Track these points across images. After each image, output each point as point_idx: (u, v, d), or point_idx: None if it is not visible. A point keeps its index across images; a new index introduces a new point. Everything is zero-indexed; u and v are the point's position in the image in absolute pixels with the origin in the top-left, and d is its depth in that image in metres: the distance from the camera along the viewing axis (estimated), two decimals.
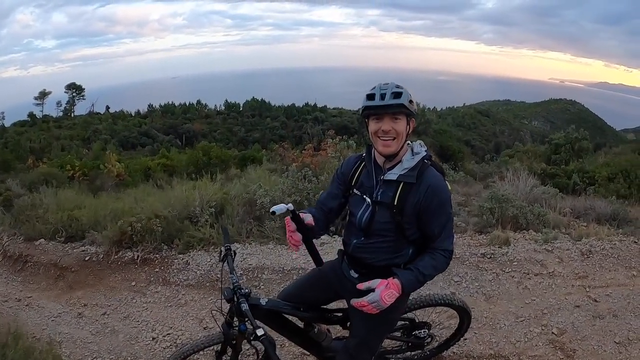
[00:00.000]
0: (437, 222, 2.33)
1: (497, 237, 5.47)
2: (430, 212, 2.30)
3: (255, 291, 4.69)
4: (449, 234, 2.38)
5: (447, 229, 2.36)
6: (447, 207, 2.35)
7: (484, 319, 4.14)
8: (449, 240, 2.38)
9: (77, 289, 5.08)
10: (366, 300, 2.22)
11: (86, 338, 4.21)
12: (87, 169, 16.82)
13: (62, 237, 6.06)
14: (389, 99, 2.23)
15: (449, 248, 2.38)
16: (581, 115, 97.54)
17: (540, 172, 13.03)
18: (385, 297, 2.21)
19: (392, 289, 2.23)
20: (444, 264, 2.37)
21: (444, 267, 2.39)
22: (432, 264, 2.33)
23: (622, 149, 26.52)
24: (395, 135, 2.27)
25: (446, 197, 2.34)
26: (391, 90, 2.24)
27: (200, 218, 5.78)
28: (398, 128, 2.27)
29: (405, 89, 2.28)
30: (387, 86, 2.27)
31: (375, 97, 2.26)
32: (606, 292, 4.53)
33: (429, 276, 2.33)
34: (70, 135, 58.68)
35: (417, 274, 2.29)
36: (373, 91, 2.28)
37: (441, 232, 2.34)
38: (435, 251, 2.35)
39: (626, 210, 7.25)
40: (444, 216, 2.34)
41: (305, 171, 6.29)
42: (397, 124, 2.27)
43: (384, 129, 2.27)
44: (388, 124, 2.26)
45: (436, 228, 2.33)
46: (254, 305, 2.40)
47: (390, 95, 2.23)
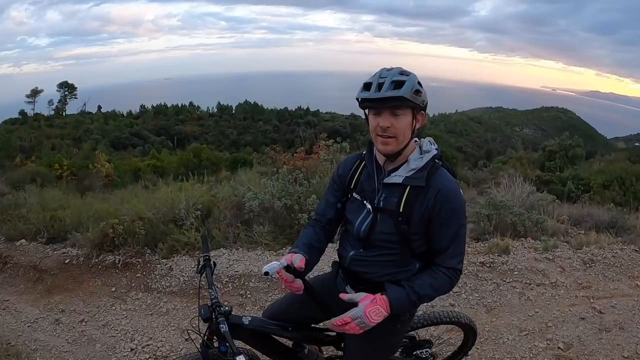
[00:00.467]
0: (446, 233, 1.97)
1: (496, 245, 5.32)
2: (440, 221, 1.95)
3: (242, 300, 4.49)
4: (458, 250, 2.01)
5: (457, 243, 2.00)
6: (459, 217, 1.99)
7: (485, 332, 3.94)
8: (457, 257, 2.01)
9: (56, 293, 4.84)
10: (349, 316, 1.89)
11: (62, 347, 3.97)
12: (75, 168, 16.69)
13: (44, 238, 5.83)
14: (386, 90, 1.87)
15: (457, 267, 2.01)
16: (572, 123, 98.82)
17: (535, 179, 12.95)
18: (370, 314, 1.88)
19: (379, 304, 1.90)
20: (447, 284, 2.01)
21: (446, 289, 2.04)
22: (431, 284, 1.98)
23: (616, 157, 26.64)
24: (395, 133, 1.92)
25: (460, 205, 1.99)
26: (391, 79, 1.88)
27: (185, 221, 5.54)
28: (399, 125, 1.91)
29: (411, 76, 1.91)
30: (389, 73, 1.91)
31: (372, 86, 1.90)
32: (611, 303, 4.39)
33: (425, 297, 1.99)
34: (61, 134, 58.68)
35: (409, 293, 1.95)
36: (371, 79, 1.93)
37: (449, 246, 1.98)
38: (438, 268, 2.00)
39: (625, 217, 7.16)
40: (455, 227, 1.97)
41: (296, 174, 6.07)
42: (399, 119, 1.91)
43: (381, 126, 1.92)
44: (387, 120, 1.91)
45: (444, 241, 1.98)
46: (236, 325, 2.09)
47: (388, 85, 1.87)
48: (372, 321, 1.88)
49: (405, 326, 2.30)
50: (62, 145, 48.09)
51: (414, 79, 1.90)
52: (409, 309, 2.05)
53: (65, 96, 73.78)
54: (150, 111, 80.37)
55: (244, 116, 79.66)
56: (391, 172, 2.01)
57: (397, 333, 2.23)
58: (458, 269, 2.01)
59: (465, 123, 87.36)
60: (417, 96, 1.90)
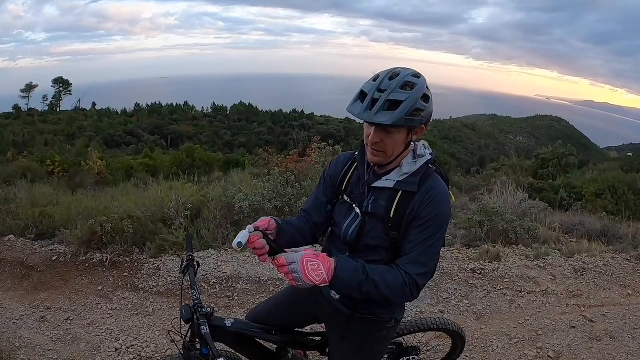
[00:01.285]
0: (417, 236, 1.79)
1: (487, 251, 5.31)
2: (417, 222, 1.79)
3: (229, 302, 4.43)
4: (423, 260, 1.79)
5: (425, 252, 1.79)
6: (438, 225, 1.80)
7: (475, 340, 3.89)
8: (420, 267, 1.79)
9: (42, 290, 4.76)
10: (284, 257, 1.69)
11: (46, 345, 3.89)
12: (67, 165, 16.58)
13: (32, 234, 5.76)
14: (376, 113, 1.68)
15: (415, 276, 1.77)
16: (566, 132, 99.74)
17: (528, 186, 12.96)
18: (307, 264, 1.66)
19: (321, 260, 1.68)
20: (398, 288, 1.76)
21: (396, 293, 1.77)
22: (383, 274, 1.75)
23: (608, 166, 26.78)
24: (384, 148, 1.78)
25: (443, 213, 1.81)
26: (388, 96, 1.67)
27: (174, 221, 5.49)
28: (390, 141, 1.76)
29: (415, 89, 1.70)
30: (390, 85, 1.69)
31: (365, 100, 1.71)
32: (602, 311, 4.40)
33: (373, 283, 1.72)
34: (54, 130, 58.37)
35: (359, 268, 1.73)
36: (367, 88, 1.73)
37: (415, 251, 1.79)
38: (397, 267, 1.79)
39: (616, 226, 7.17)
40: (429, 233, 1.78)
41: (288, 176, 6.02)
42: (390, 136, 1.75)
43: (371, 140, 1.77)
44: (377, 135, 1.75)
45: (412, 243, 1.80)
46: (218, 327, 2.02)
47: (382, 105, 1.67)
48: (306, 274, 1.65)
49: (392, 332, 2.19)
50: (55, 142, 47.74)
51: (416, 94, 1.70)
52: (351, 286, 1.74)
53: (60, 92, 73.50)
54: (144, 110, 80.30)
55: (238, 117, 79.73)
56: (383, 175, 1.90)
57: (383, 339, 2.15)
58: (416, 280, 1.78)
59: (460, 130, 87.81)
60: (414, 117, 1.71)
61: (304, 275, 1.65)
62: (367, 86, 1.74)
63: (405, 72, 1.73)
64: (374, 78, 1.75)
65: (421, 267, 1.78)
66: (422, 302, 4.33)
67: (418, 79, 1.73)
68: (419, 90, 1.71)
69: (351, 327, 2.02)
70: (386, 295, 1.75)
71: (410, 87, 1.70)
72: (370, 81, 1.75)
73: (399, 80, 1.70)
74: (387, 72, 1.75)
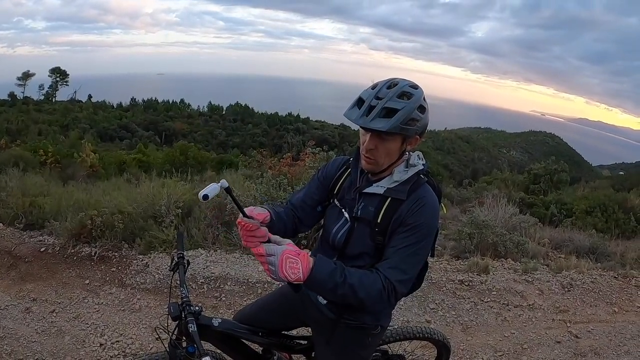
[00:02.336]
0: (399, 241, 1.77)
1: (476, 263, 5.33)
2: (402, 227, 1.78)
3: (216, 302, 4.42)
4: (403, 266, 1.76)
5: (406, 259, 1.77)
6: (424, 233, 1.78)
7: (460, 351, 3.90)
8: (400, 274, 1.75)
9: (29, 281, 4.72)
10: (264, 248, 1.63)
11: (30, 336, 3.85)
12: (60, 156, 16.44)
13: (22, 224, 5.73)
14: (372, 120, 1.69)
15: (394, 281, 1.73)
16: (559, 148, 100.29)
17: (519, 201, 13.02)
18: (285, 260, 1.61)
19: (300, 258, 1.63)
20: (376, 292, 1.71)
21: (373, 297, 1.72)
22: (361, 278, 1.70)
23: (600, 184, 26.95)
24: (377, 156, 1.79)
25: (429, 222, 1.79)
26: (385, 104, 1.68)
27: (165, 218, 5.47)
28: (383, 149, 1.78)
29: (412, 99, 1.71)
30: (388, 93, 1.70)
31: (363, 106, 1.72)
32: (587, 327, 4.42)
33: (349, 287, 1.67)
34: (49, 120, 58.16)
35: (336, 271, 1.68)
36: (365, 95, 1.74)
37: (395, 256, 1.76)
38: (377, 271, 1.75)
39: (605, 244, 7.22)
40: (412, 240, 1.76)
41: (281, 179, 6.02)
42: (385, 144, 1.77)
43: (366, 147, 1.79)
44: (372, 142, 1.76)
45: (393, 248, 1.78)
46: (205, 326, 2.02)
47: (378, 112, 1.68)
48: (282, 270, 1.61)
49: (377, 339, 2.18)
50: (49, 132, 47.46)
51: (413, 104, 1.71)
52: (326, 287, 1.69)
53: (56, 82, 73.17)
54: (140, 105, 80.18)
55: (234, 118, 79.78)
56: (374, 181, 1.91)
57: (368, 346, 2.14)
58: (395, 286, 1.74)
59: (454, 141, 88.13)
60: (409, 126, 1.71)
61: (280, 270, 1.61)
62: (365, 93, 1.75)
63: (404, 83, 1.75)
64: (373, 86, 1.76)
65: (401, 274, 1.75)
66: (409, 311, 4.34)
67: (415, 90, 1.74)
68: (416, 100, 1.72)
69: (336, 333, 2.03)
70: (362, 299, 1.71)
71: (408, 97, 1.71)
72: (368, 89, 1.76)
73: (397, 89, 1.72)
74: (385, 81, 1.77)
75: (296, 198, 2.13)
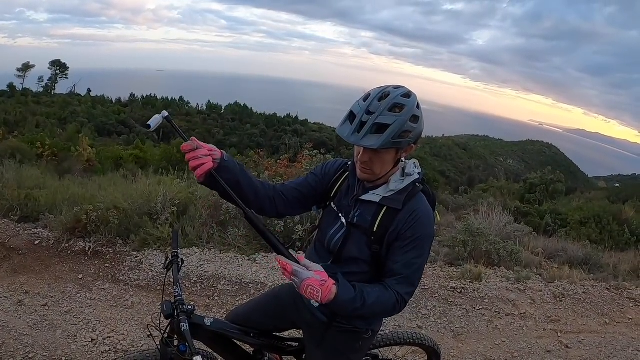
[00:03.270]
0: (403, 257, 1.80)
1: (469, 271, 5.34)
2: (402, 242, 1.81)
3: (209, 302, 4.42)
4: (411, 280, 1.83)
5: (413, 272, 1.83)
6: (423, 245, 1.83)
7: (451, 358, 3.91)
8: (409, 288, 1.83)
9: (22, 273, 4.70)
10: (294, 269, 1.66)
11: (22, 329, 3.84)
12: (57, 149, 16.45)
13: (16, 216, 5.73)
14: (363, 137, 1.69)
15: (405, 296, 1.82)
16: (556, 158, 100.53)
17: (514, 210, 13.03)
18: (308, 288, 1.65)
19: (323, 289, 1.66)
20: (390, 307, 1.80)
21: (388, 311, 1.83)
22: (379, 296, 1.77)
23: (595, 195, 27.01)
24: (372, 167, 1.80)
25: (427, 234, 1.83)
26: (375, 119, 1.67)
27: (160, 216, 5.46)
28: (378, 161, 1.78)
29: (404, 111, 1.69)
30: (379, 107, 1.69)
31: (354, 122, 1.71)
32: (578, 338, 4.43)
33: (367, 308, 1.74)
34: (47, 112, 58.03)
35: (357, 297, 1.73)
36: (357, 109, 1.73)
37: (403, 273, 1.81)
38: (387, 287, 1.81)
39: (599, 255, 7.23)
40: (415, 254, 1.81)
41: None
42: (378, 156, 1.77)
43: (360, 159, 1.80)
44: (366, 154, 1.77)
45: (398, 264, 1.81)
46: (197, 325, 2.03)
47: (369, 128, 1.67)
48: (303, 292, 1.66)
49: (368, 343, 2.19)
50: (47, 124, 47.34)
51: (404, 118, 1.69)
52: (347, 312, 1.77)
53: (56, 75, 73.18)
54: (139, 101, 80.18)
55: (232, 117, 79.84)
56: (370, 189, 1.90)
57: (359, 350, 2.15)
58: (404, 298, 1.82)
59: (451, 148, 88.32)
60: (402, 139, 1.71)
61: (301, 291, 1.67)
62: (356, 107, 1.74)
63: (395, 93, 1.72)
64: (364, 97, 1.75)
65: (409, 287, 1.83)
66: (400, 316, 4.33)
67: (408, 99, 1.72)
68: (408, 112, 1.70)
69: (328, 336, 2.03)
70: (378, 314, 1.84)
71: (400, 109, 1.69)
72: (360, 101, 1.75)
73: (388, 101, 1.69)
74: (377, 91, 1.74)
75: (290, 182, 2.12)
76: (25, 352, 3.56)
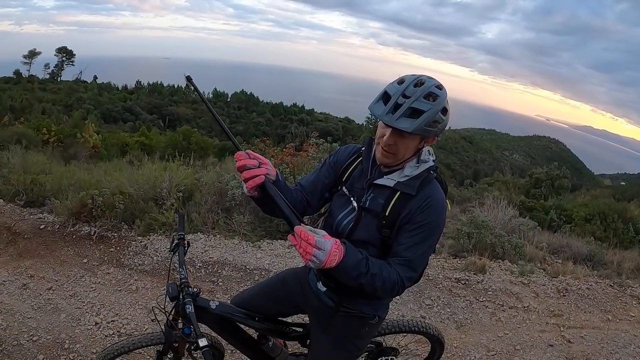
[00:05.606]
0: (409, 240, 1.80)
1: (473, 263, 5.33)
2: (411, 225, 1.80)
3: (213, 287, 4.43)
4: (415, 266, 1.82)
5: (418, 258, 1.82)
6: (433, 232, 1.83)
7: (453, 348, 3.91)
8: (411, 273, 1.82)
9: (27, 257, 4.73)
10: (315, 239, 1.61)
11: (26, 312, 3.86)
12: (63, 135, 16.50)
13: (22, 201, 5.76)
14: (398, 118, 1.68)
15: (406, 280, 1.80)
16: (562, 154, 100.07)
17: (519, 204, 12.96)
18: (332, 257, 1.62)
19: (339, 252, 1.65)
20: (390, 285, 1.76)
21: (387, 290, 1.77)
22: (382, 270, 1.75)
23: (601, 192, 26.86)
24: (396, 151, 1.80)
25: (438, 220, 1.83)
26: (411, 103, 1.67)
27: (166, 201, 5.46)
28: (403, 145, 1.78)
29: (438, 101, 1.71)
30: (415, 92, 1.69)
31: (389, 103, 1.70)
32: (581, 333, 4.42)
33: (370, 277, 1.71)
34: (53, 99, 58.18)
35: (362, 264, 1.71)
36: (392, 91, 1.72)
37: (408, 257, 1.80)
38: (391, 264, 1.80)
39: (603, 252, 7.20)
40: (421, 238, 1.81)
41: (283, 168, 6.01)
42: (404, 140, 1.77)
43: (385, 141, 1.78)
44: (392, 137, 1.76)
45: (403, 246, 1.80)
46: (202, 308, 2.04)
47: (405, 111, 1.67)
48: (329, 262, 1.63)
49: (374, 330, 2.20)
50: (53, 111, 47.48)
51: (437, 106, 1.71)
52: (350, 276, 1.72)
53: (62, 61, 73.32)
54: (145, 88, 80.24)
55: (238, 105, 79.96)
56: (385, 174, 1.90)
57: (365, 336, 2.16)
58: (404, 282, 1.80)
59: (457, 141, 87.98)
60: (431, 128, 1.72)
61: (327, 261, 1.62)
62: (391, 88, 1.74)
63: (430, 82, 1.73)
64: (399, 81, 1.75)
65: (411, 272, 1.81)
66: (404, 306, 4.35)
67: (441, 91, 1.74)
68: (441, 102, 1.72)
69: (334, 321, 2.03)
70: (377, 288, 1.75)
71: (433, 98, 1.71)
72: (394, 83, 1.75)
73: (424, 89, 1.70)
74: (412, 78, 1.75)
75: (306, 180, 2.13)
76: (30, 335, 3.58)
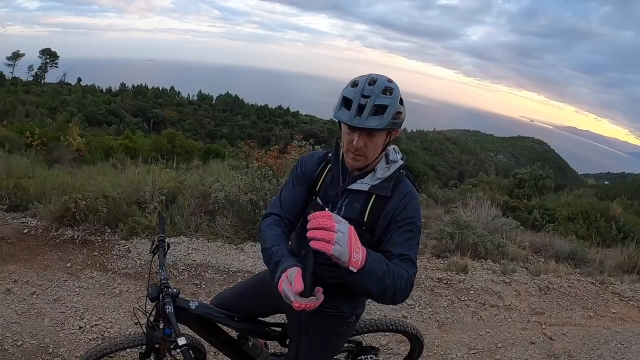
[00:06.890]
0: (403, 237, 1.80)
1: (455, 263, 5.39)
2: (399, 224, 1.81)
3: (196, 290, 4.43)
4: (413, 259, 1.79)
5: (414, 252, 1.82)
6: (418, 225, 1.85)
7: (435, 347, 3.95)
8: (412, 265, 1.77)
9: (10, 262, 4.68)
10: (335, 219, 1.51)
11: (10, 317, 3.83)
12: (46, 138, 16.29)
13: (5, 206, 5.72)
14: (366, 118, 1.71)
15: (411, 272, 1.74)
16: (546, 155, 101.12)
17: (503, 204, 13.07)
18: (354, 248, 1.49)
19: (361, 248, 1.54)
20: (404, 282, 1.68)
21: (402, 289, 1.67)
22: (395, 270, 1.66)
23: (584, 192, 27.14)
24: (366, 152, 1.81)
25: (418, 214, 1.87)
26: (374, 101, 1.71)
27: (149, 204, 5.45)
28: (372, 145, 1.80)
29: (394, 93, 1.75)
30: (372, 90, 1.72)
31: (352, 107, 1.73)
32: (562, 330, 4.48)
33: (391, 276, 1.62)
34: (37, 101, 57.45)
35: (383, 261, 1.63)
36: (351, 95, 1.75)
37: (408, 254, 1.78)
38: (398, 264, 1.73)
39: (585, 250, 7.29)
40: (413, 234, 1.82)
41: (266, 171, 6.02)
42: (373, 140, 1.79)
43: (355, 145, 1.78)
44: (361, 140, 1.77)
45: (401, 245, 1.79)
46: (182, 309, 2.05)
47: (370, 110, 1.71)
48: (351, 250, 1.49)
49: (351, 328, 2.23)
50: (37, 114, 46.84)
51: (396, 99, 1.75)
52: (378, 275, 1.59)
53: (46, 63, 72.39)
54: (130, 91, 79.56)
55: (223, 108, 79.68)
56: (356, 178, 1.91)
57: (343, 334, 2.19)
58: (412, 281, 1.74)
59: (442, 142, 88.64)
60: (396, 120, 1.76)
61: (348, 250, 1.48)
62: (349, 92, 1.76)
63: (382, 78, 1.78)
64: (353, 84, 1.78)
65: (413, 266, 1.78)
66: (386, 306, 4.35)
67: (393, 84, 1.79)
68: (397, 94, 1.77)
69: (312, 321, 2.03)
70: (397, 290, 1.66)
71: (390, 92, 1.75)
72: (349, 87, 1.78)
73: (380, 85, 1.75)
74: (364, 78, 1.78)
75: (286, 199, 2.05)
76: (14, 340, 3.55)
